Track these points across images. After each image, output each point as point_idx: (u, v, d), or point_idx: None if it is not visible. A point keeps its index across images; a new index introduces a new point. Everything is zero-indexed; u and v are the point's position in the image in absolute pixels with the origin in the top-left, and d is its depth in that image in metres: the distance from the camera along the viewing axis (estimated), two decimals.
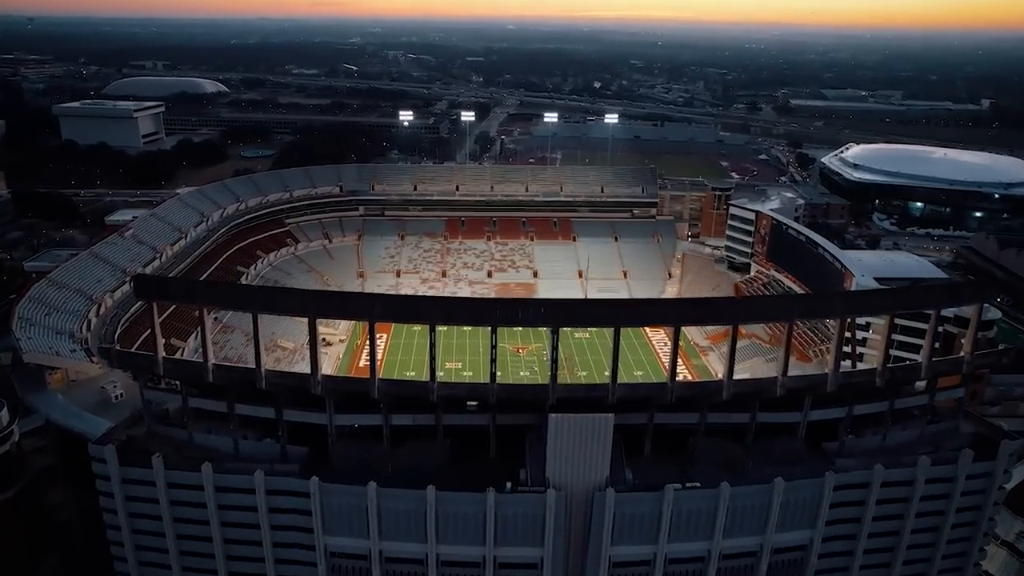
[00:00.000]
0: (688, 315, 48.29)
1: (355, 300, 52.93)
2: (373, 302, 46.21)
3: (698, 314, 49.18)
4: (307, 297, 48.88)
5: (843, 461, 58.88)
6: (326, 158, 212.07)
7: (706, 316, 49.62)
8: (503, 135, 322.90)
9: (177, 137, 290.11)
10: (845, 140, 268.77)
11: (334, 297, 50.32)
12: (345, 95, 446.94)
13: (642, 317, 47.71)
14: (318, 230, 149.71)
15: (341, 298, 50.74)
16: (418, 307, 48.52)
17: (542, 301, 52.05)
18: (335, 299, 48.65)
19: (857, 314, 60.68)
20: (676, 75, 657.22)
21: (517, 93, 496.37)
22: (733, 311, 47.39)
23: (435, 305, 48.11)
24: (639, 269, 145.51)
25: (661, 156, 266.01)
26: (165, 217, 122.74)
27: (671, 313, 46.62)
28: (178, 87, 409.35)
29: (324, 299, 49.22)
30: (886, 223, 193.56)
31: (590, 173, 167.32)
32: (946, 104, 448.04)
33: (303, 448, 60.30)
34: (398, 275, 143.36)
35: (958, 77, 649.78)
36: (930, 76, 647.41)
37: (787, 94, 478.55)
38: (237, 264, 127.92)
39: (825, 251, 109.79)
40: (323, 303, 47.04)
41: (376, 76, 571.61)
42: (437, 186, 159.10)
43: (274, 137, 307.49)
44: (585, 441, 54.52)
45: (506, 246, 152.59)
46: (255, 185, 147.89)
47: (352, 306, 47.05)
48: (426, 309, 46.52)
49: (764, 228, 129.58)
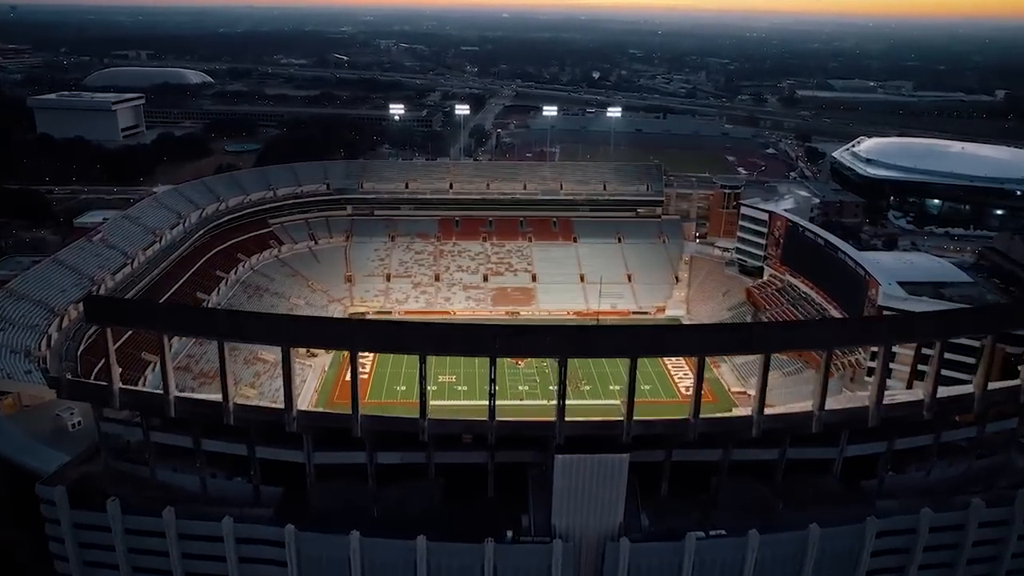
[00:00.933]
0: (714, 344, 42.97)
1: (334, 327, 47.41)
2: (354, 330, 40.75)
3: (726, 343, 43.75)
4: (280, 323, 43.49)
5: (885, 503, 53.59)
6: (313, 153, 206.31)
7: (735, 345, 44.23)
8: (499, 128, 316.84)
9: (158, 131, 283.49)
10: (855, 133, 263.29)
11: (310, 324, 44.80)
12: (335, 86, 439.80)
13: (662, 347, 42.42)
14: (303, 231, 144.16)
15: (318, 325, 45.27)
16: (406, 335, 42.88)
17: (549, 329, 46.63)
18: (312, 326, 43.20)
19: (907, 341, 55.41)
20: (677, 65, 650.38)
21: (513, 84, 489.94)
22: (765, 339, 42.03)
23: (425, 333, 42.51)
24: (644, 272, 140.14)
25: (664, 150, 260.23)
26: (138, 219, 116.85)
27: (695, 342, 41.31)
28: (161, 78, 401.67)
29: (299, 326, 43.76)
30: (902, 221, 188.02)
31: (591, 170, 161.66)
32: (958, 95, 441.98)
33: (278, 488, 54.95)
34: (388, 279, 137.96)
35: (967, 67, 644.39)
36: (938, 66, 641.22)
37: (793, 85, 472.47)
38: (216, 268, 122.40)
39: (846, 256, 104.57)
40: (298, 331, 41.57)
41: (367, 66, 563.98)
42: (430, 184, 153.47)
43: (260, 130, 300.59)
44: (596, 484, 49.20)
45: (503, 247, 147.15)
46: (236, 183, 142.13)
47: (331, 334, 41.55)
48: (415, 337, 41.05)
49: (778, 230, 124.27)
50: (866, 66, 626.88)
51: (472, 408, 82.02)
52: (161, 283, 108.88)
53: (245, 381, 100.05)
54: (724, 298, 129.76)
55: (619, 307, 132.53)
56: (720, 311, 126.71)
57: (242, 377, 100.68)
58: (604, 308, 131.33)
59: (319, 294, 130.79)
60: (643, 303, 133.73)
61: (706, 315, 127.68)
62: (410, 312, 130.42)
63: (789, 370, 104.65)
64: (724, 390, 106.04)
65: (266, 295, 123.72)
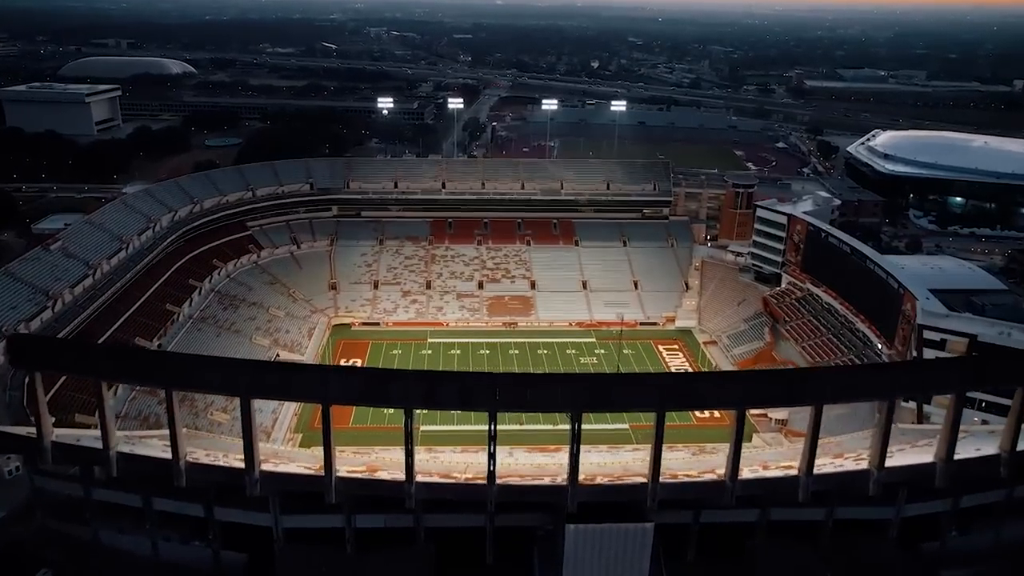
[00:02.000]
0: (757, 395, 36.18)
1: (302, 375, 40.31)
2: (326, 378, 33.91)
3: (770, 393, 36.90)
4: (239, 371, 36.58)
5: (951, 573, 47.06)
6: (298, 148, 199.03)
7: (782, 396, 37.33)
8: (494, 121, 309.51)
9: (135, 124, 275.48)
10: (869, 125, 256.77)
11: (274, 370, 37.84)
12: (322, 76, 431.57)
13: (696, 399, 35.76)
14: (285, 234, 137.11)
15: (283, 372, 38.25)
16: (389, 384, 35.81)
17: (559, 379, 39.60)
18: (275, 373, 36.35)
19: (985, 385, 48.68)
20: (678, 54, 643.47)
21: (508, 74, 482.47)
22: (819, 388, 35.33)
23: (412, 382, 35.59)
24: (652, 278, 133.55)
25: (669, 144, 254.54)
26: (103, 224, 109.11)
27: (735, 393, 34.64)
28: (140, 68, 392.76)
29: (261, 373, 36.86)
30: (923, 221, 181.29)
31: (594, 167, 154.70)
32: (974, 85, 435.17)
33: (241, 554, 48.21)
34: (376, 286, 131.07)
35: (978, 55, 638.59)
36: (948, 54, 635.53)
37: (800, 74, 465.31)
38: (189, 277, 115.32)
39: (876, 265, 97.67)
40: (259, 379, 34.64)
41: (356, 55, 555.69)
42: (421, 183, 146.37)
43: (242, 123, 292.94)
44: (615, 556, 42.60)
45: (499, 252, 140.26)
46: (212, 183, 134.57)
47: (298, 383, 34.61)
48: (400, 387, 34.14)
49: (798, 234, 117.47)
50: (874, 55, 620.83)
51: (468, 435, 74.88)
52: (126, 295, 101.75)
53: (217, 405, 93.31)
54: (739, 308, 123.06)
55: (625, 317, 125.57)
56: (736, 322, 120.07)
57: (214, 400, 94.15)
58: (609, 319, 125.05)
59: (301, 304, 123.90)
60: (651, 312, 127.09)
61: (720, 326, 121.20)
62: (399, 324, 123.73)
63: None
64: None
65: (243, 306, 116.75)
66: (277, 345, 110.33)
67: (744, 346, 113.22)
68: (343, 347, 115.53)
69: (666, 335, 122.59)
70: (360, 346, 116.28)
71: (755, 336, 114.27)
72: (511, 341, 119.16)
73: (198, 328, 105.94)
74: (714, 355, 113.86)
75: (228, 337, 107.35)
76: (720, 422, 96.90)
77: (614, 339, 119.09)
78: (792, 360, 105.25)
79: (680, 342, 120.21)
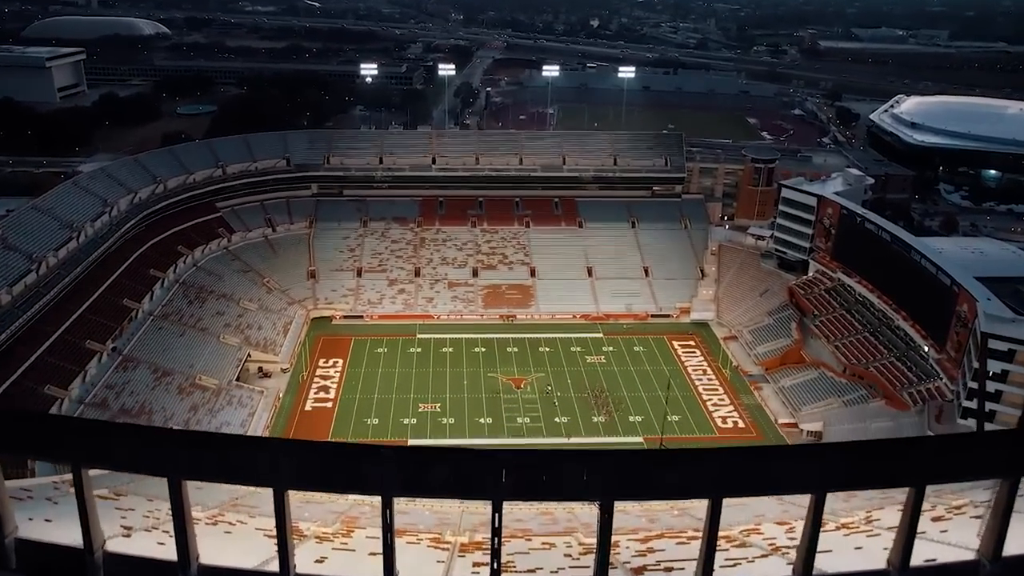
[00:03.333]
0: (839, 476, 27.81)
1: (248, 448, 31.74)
2: (279, 456, 25.67)
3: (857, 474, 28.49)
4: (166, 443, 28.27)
5: None
6: (276, 116, 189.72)
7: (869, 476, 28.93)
8: (488, 87, 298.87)
9: (102, 90, 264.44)
10: (891, 90, 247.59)
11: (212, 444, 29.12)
12: (303, 36, 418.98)
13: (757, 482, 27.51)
14: (259, 215, 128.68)
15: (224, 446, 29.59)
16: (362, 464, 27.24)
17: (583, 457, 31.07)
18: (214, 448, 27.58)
19: None
20: (682, 12, 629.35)
21: (503, 34, 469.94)
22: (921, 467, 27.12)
23: (390, 461, 27.23)
24: (663, 264, 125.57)
25: (676, 110, 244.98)
26: (51, 209, 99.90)
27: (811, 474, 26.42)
28: (109, 28, 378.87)
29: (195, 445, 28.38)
30: (955, 196, 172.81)
31: (599, 139, 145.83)
32: (1000, 46, 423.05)
33: None
34: (359, 274, 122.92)
35: (997, 13, 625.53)
36: (966, 12, 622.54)
37: (814, 35, 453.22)
38: (151, 267, 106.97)
39: (923, 257, 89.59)
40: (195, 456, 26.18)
41: (341, 13, 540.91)
42: (408, 157, 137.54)
43: (217, 89, 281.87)
44: None
45: (496, 234, 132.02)
46: (177, 160, 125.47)
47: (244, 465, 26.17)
48: (375, 470, 25.69)
49: (829, 218, 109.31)
50: (889, 13, 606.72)
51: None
52: (77, 292, 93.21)
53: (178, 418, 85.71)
54: (762, 299, 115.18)
55: (634, 308, 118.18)
56: (758, 315, 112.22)
57: (174, 413, 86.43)
58: (618, 310, 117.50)
59: (276, 295, 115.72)
60: (663, 303, 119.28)
61: (741, 320, 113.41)
62: (385, 317, 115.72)
63: (850, 397, 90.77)
64: (770, 421, 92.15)
65: (211, 299, 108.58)
66: (248, 344, 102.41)
67: (769, 343, 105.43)
68: (322, 345, 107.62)
69: (680, 329, 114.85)
70: (342, 343, 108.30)
71: (781, 332, 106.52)
72: (509, 337, 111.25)
73: (159, 327, 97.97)
74: (736, 355, 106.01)
75: (193, 336, 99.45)
76: (746, 434, 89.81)
77: (623, 334, 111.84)
78: (824, 361, 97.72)
79: (696, 337, 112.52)
